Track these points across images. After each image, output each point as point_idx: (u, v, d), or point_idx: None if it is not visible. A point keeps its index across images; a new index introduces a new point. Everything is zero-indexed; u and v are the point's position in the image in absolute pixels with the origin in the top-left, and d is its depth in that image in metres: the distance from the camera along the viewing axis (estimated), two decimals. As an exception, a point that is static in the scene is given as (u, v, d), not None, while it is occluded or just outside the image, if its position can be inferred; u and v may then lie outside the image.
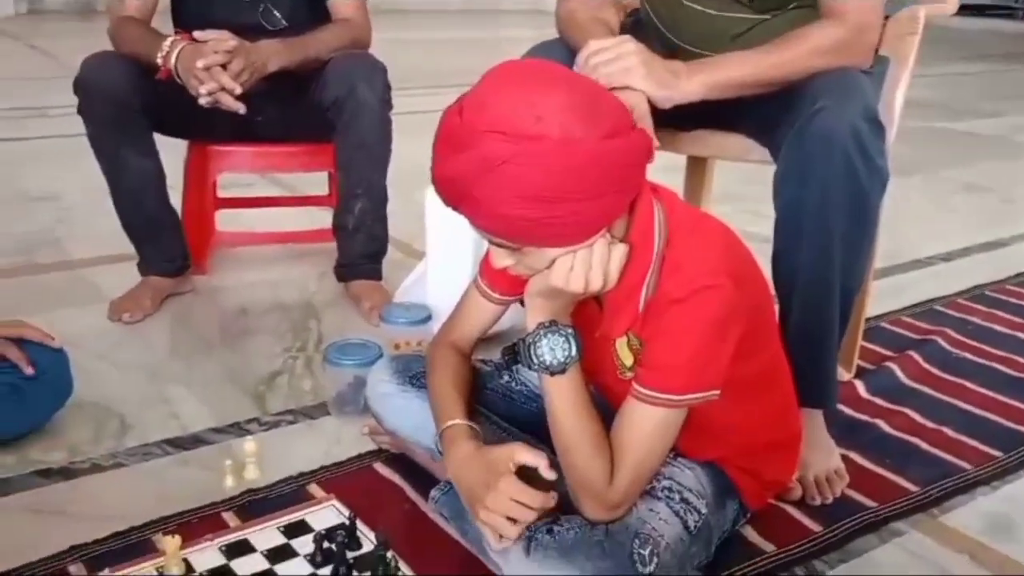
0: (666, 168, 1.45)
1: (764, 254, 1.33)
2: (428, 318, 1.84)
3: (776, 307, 1.37)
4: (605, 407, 1.17)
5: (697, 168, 2.11)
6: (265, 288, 2.32)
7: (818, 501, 1.42)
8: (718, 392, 1.10)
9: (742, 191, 2.48)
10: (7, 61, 5.76)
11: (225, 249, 2.50)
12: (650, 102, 1.35)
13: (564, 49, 1.53)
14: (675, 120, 1.46)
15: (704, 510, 1.18)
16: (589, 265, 1.06)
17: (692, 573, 1.19)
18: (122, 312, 2.08)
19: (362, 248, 2.21)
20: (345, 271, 2.24)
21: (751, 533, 1.33)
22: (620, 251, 1.08)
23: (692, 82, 1.37)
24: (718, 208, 1.47)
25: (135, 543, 1.29)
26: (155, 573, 1.20)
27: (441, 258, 1.95)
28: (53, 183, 3.17)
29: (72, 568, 1.24)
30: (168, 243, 2.18)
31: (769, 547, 1.31)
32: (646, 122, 1.33)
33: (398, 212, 2.27)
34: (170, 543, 1.22)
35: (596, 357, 1.17)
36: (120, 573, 1.18)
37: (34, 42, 6.23)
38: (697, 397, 1.09)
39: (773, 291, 1.39)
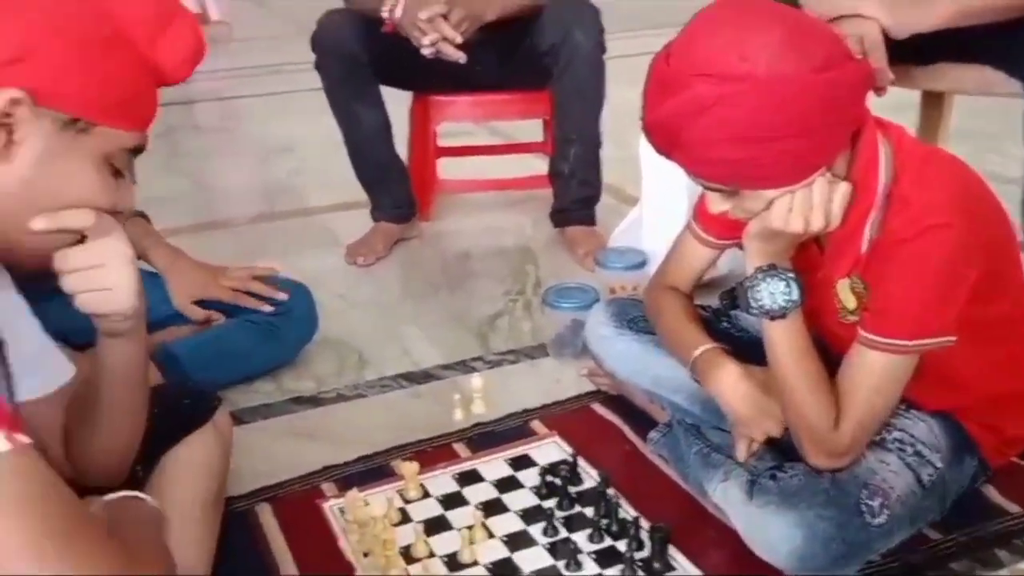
0: (897, 106, 1.37)
1: (1011, 197, 1.24)
2: (643, 263, 1.85)
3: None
4: (825, 351, 1.14)
5: (933, 105, 1.97)
6: (485, 234, 2.42)
7: None
8: (953, 338, 1.05)
9: (983, 128, 2.29)
10: (246, 22, 6.21)
11: (446, 196, 2.62)
12: (884, 33, 1.27)
13: (790, -19, 1.47)
14: (908, 52, 1.37)
15: (939, 464, 1.13)
16: (809, 205, 1.03)
17: (924, 528, 1.15)
18: (357, 255, 2.24)
19: (577, 194, 2.24)
20: (560, 217, 2.29)
21: (992, 492, 1.26)
22: (842, 189, 1.04)
23: (934, 9, 1.27)
24: (957, 148, 1.37)
25: (377, 467, 1.41)
26: (396, 494, 1.32)
27: (656, 202, 1.95)
28: (290, 136, 3.43)
29: (324, 486, 1.37)
30: (396, 190, 2.31)
31: (1014, 508, 1.24)
32: (879, 53, 1.27)
33: (611, 157, 2.28)
34: (409, 468, 1.33)
35: (816, 300, 1.14)
36: (366, 493, 1.29)
37: (267, 3, 6.67)
38: (928, 343, 1.04)
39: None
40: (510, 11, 2.10)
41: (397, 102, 2.36)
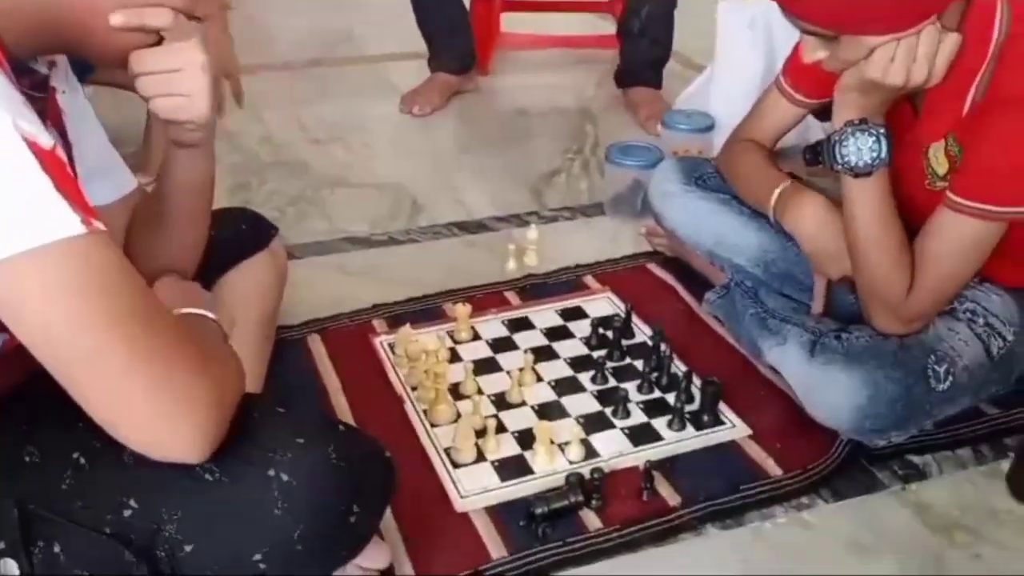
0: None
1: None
2: (711, 127, 1.78)
3: None
4: (903, 220, 1.09)
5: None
6: (544, 91, 2.35)
7: None
8: (1045, 211, 0.99)
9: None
10: None
11: (507, 52, 2.53)
12: None
13: None
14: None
15: (1010, 337, 1.09)
16: (913, 56, 0.96)
17: (986, 400, 1.13)
18: (412, 105, 2.19)
19: (646, 54, 2.16)
20: (626, 77, 2.21)
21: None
22: (951, 41, 0.97)
23: None
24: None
25: (429, 308, 1.41)
26: (446, 335, 1.31)
27: (730, 65, 1.87)
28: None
29: (375, 322, 1.38)
30: (458, 41, 2.24)
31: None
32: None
33: (680, 22, 2.18)
34: (461, 310, 1.32)
35: (902, 164, 1.08)
36: (418, 331, 1.29)
37: None
38: (1018, 211, 0.99)
39: None
40: None
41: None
